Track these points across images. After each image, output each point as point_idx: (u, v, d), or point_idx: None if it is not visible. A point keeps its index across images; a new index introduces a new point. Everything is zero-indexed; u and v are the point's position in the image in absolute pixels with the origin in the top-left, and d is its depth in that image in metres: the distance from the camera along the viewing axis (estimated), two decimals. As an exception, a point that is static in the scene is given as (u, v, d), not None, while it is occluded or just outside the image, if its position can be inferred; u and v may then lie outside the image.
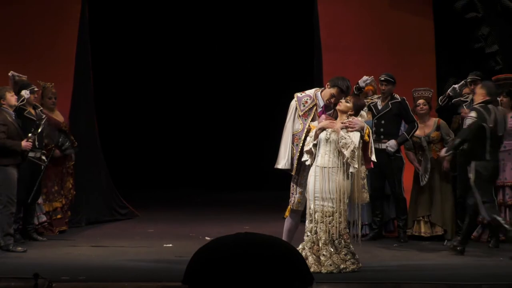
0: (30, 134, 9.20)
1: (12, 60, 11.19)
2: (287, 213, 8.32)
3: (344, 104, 7.93)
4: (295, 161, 8.14)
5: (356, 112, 7.92)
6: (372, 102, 10.19)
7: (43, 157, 9.95)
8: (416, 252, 9.36)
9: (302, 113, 8.19)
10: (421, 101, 10.12)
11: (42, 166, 9.82)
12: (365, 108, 8.06)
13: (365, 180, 8.03)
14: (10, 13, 11.63)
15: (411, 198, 10.25)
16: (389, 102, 10.16)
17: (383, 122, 10.10)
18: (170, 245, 9.65)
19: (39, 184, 9.79)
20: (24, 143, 9.06)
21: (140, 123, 15.43)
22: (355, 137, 7.72)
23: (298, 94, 8.33)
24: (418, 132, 10.13)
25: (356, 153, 7.70)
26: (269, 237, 5.59)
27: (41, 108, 10.10)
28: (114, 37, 14.64)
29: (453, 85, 9.69)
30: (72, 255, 8.97)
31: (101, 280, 7.57)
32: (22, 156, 9.12)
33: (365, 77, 9.99)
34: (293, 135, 8.20)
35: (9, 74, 10.04)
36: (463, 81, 9.63)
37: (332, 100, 8.09)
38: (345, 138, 7.69)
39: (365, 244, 9.82)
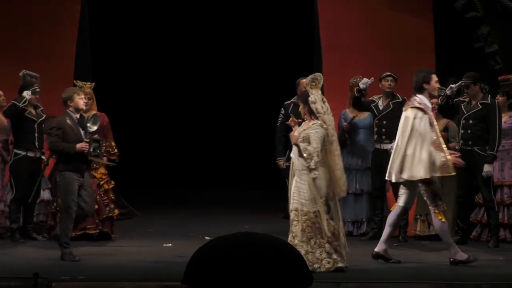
0: (88, 136, 8.78)
1: (12, 60, 11.21)
2: None
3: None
4: None
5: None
6: (373, 102, 10.20)
7: (43, 157, 9.97)
8: (416, 251, 9.37)
9: None
10: (434, 100, 10.12)
11: (42, 166, 9.83)
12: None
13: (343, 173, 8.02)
14: (10, 14, 11.64)
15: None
16: (390, 102, 10.17)
17: (384, 122, 10.11)
18: (170, 245, 9.66)
19: (39, 184, 9.79)
20: (79, 145, 8.55)
21: (140, 123, 15.42)
22: (315, 141, 7.75)
23: None
24: None
25: (318, 160, 7.74)
26: (269, 237, 5.60)
27: (42, 108, 10.10)
28: (114, 37, 14.64)
29: (451, 85, 9.71)
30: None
31: (101, 279, 7.58)
32: (81, 159, 8.62)
33: (365, 79, 10.02)
34: None
35: (20, 74, 10.01)
36: (461, 81, 9.66)
37: None
38: (307, 150, 7.77)
39: (365, 243, 9.85)
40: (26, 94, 9.72)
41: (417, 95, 8.35)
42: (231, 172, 15.41)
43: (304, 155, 7.76)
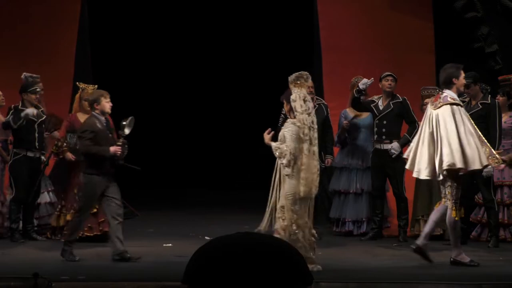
0: (120, 139, 8.86)
1: (11, 61, 11.20)
2: None
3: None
4: None
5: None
6: (373, 103, 10.20)
7: (43, 157, 9.96)
8: (416, 251, 9.36)
9: None
10: (428, 100, 10.11)
11: (42, 166, 9.82)
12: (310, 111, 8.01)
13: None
14: (10, 14, 11.64)
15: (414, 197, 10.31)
16: (391, 102, 10.16)
17: (384, 122, 10.10)
18: (170, 244, 9.66)
19: (39, 184, 9.79)
20: (112, 148, 8.63)
21: (140, 123, 15.38)
22: (289, 139, 7.77)
23: None
24: None
25: (292, 158, 7.75)
26: (269, 237, 5.61)
27: (43, 108, 10.09)
28: (114, 37, 14.63)
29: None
30: (72, 255, 8.97)
31: (101, 280, 7.57)
32: (111, 162, 8.68)
33: (365, 80, 10.00)
34: None
35: (22, 76, 10.01)
36: (461, 81, 9.67)
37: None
38: (279, 148, 7.82)
39: (365, 243, 9.85)
40: (31, 112, 9.63)
41: (445, 90, 8.33)
42: (231, 172, 15.41)
43: (276, 153, 7.80)
